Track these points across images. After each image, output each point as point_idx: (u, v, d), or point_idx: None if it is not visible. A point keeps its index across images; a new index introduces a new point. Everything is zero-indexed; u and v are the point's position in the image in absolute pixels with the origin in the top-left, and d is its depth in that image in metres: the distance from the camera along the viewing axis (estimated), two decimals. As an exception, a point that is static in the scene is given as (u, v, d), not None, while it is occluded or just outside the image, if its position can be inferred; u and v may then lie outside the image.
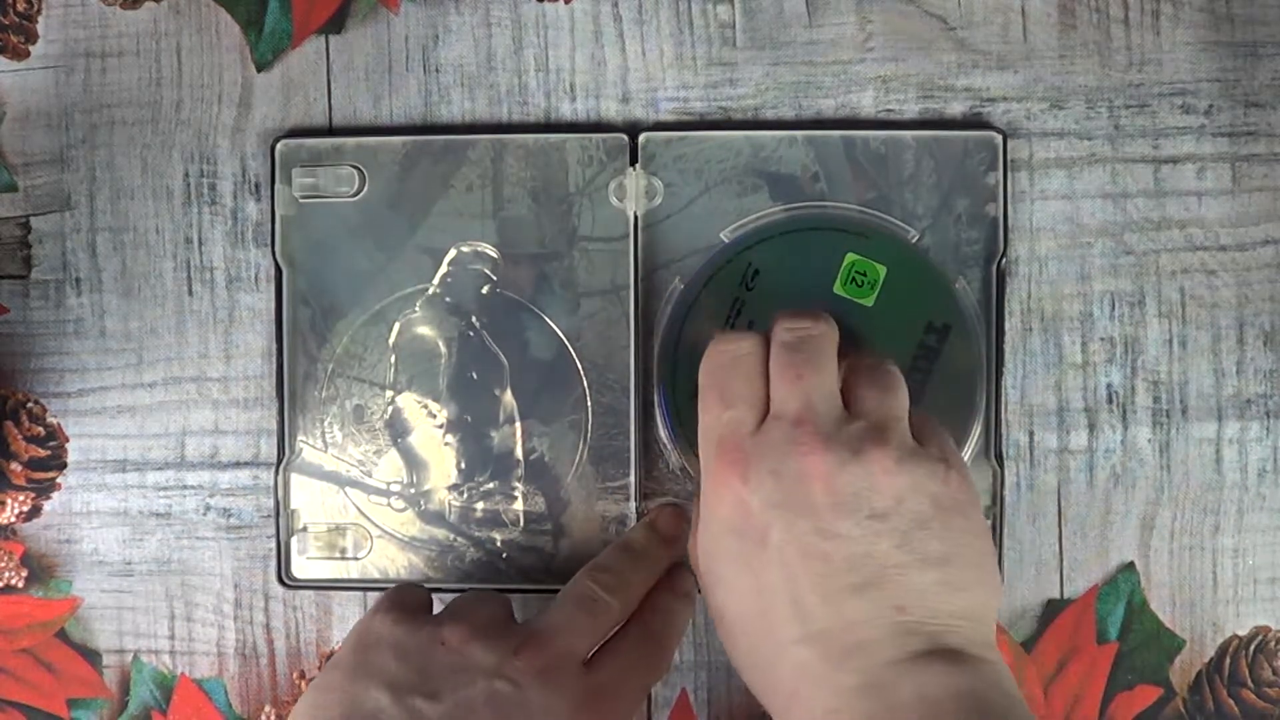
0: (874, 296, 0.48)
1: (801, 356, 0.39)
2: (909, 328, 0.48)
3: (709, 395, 0.40)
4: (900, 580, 0.35)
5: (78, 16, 0.52)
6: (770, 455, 0.37)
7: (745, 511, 0.37)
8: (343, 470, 0.51)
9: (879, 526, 0.36)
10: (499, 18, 0.51)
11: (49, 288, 0.52)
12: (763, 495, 0.37)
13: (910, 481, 0.37)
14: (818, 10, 0.50)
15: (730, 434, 0.38)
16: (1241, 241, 0.50)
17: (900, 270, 0.48)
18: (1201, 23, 0.50)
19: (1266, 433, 0.50)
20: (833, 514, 0.36)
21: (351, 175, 0.50)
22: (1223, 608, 0.51)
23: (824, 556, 0.35)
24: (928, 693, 0.34)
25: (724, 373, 0.40)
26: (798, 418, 0.37)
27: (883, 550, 0.36)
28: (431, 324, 0.50)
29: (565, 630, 0.43)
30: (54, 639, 0.52)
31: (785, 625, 0.36)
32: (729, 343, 0.40)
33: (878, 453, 0.37)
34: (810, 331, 0.39)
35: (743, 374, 0.39)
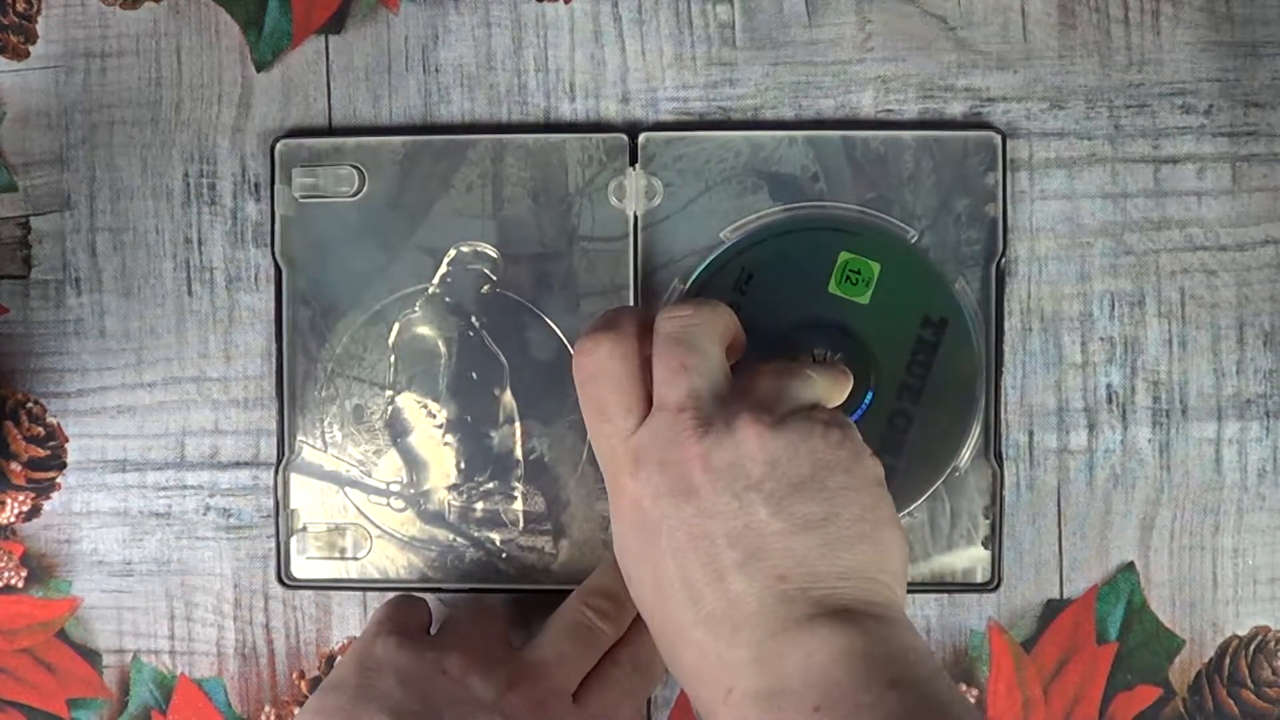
0: (869, 294, 0.48)
1: (683, 347, 0.38)
2: (905, 323, 0.48)
3: (586, 410, 0.40)
4: (779, 547, 0.35)
5: (78, 16, 0.52)
6: (655, 448, 0.37)
7: (640, 509, 0.37)
8: (342, 470, 0.51)
9: (754, 496, 0.36)
10: (499, 18, 0.51)
11: (49, 288, 0.52)
12: (651, 488, 0.37)
13: (784, 444, 0.36)
14: (817, 10, 0.50)
15: (616, 442, 0.38)
16: (1241, 241, 0.50)
17: (895, 267, 0.48)
18: (1201, 23, 0.50)
19: (1266, 433, 0.50)
20: (712, 492, 0.36)
21: (351, 175, 0.50)
22: (1223, 608, 0.51)
23: (707, 536, 0.35)
24: (814, 659, 0.34)
25: (594, 385, 0.39)
26: (679, 405, 0.37)
27: (760, 519, 0.35)
28: (431, 324, 0.50)
29: (558, 664, 0.43)
30: (54, 639, 0.52)
31: (682, 612, 0.36)
32: (587, 353, 0.40)
33: (751, 421, 0.36)
34: (691, 320, 0.39)
35: (608, 379, 0.39)
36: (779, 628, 0.35)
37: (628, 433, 0.38)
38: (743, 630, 0.35)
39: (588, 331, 0.40)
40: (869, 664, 0.34)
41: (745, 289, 0.48)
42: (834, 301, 0.48)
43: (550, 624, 0.45)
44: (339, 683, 0.43)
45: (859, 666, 0.34)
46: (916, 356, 0.48)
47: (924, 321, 0.48)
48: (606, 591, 0.45)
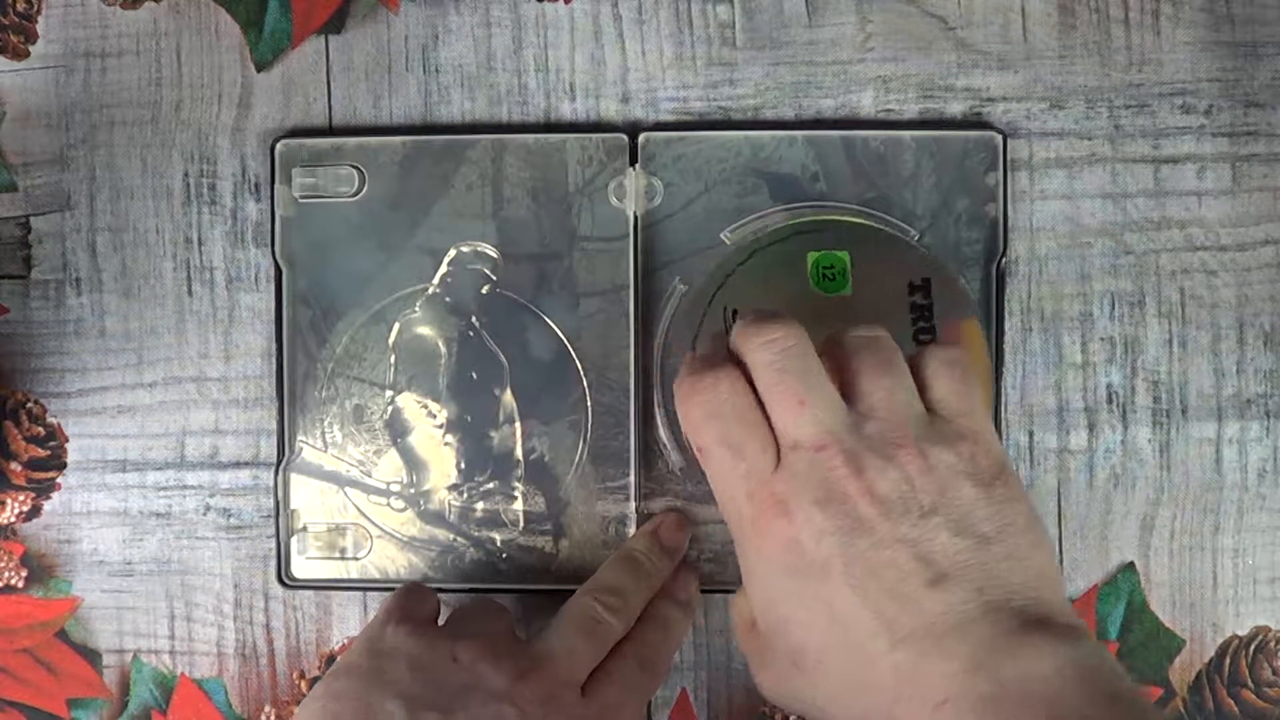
0: (849, 284, 0.48)
1: (793, 377, 0.37)
2: (894, 297, 0.48)
3: (713, 451, 0.38)
4: (969, 564, 0.35)
5: (78, 16, 0.52)
6: (805, 489, 0.36)
7: (798, 549, 0.36)
8: (343, 470, 0.51)
9: (932, 521, 0.35)
10: (499, 18, 0.51)
11: (49, 288, 0.52)
12: (813, 528, 0.36)
13: (946, 470, 0.36)
14: (818, 10, 0.50)
15: (755, 484, 0.37)
16: (1241, 241, 0.50)
17: (862, 249, 0.48)
18: (1201, 23, 0.50)
19: (1266, 433, 0.50)
20: (886, 523, 0.35)
21: (351, 175, 0.50)
22: (1223, 608, 0.51)
23: (892, 564, 0.35)
24: (1034, 670, 0.33)
25: (720, 424, 0.38)
26: (817, 444, 0.36)
27: (943, 542, 0.35)
28: (431, 324, 0.50)
29: (567, 656, 0.43)
30: (54, 639, 0.52)
31: (873, 640, 0.35)
32: (705, 390, 0.38)
33: (905, 452, 0.36)
34: (786, 343, 0.38)
35: (737, 418, 0.38)
36: (989, 637, 0.34)
37: (766, 473, 0.37)
38: (949, 642, 0.34)
39: (699, 368, 0.39)
40: (1089, 676, 0.33)
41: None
42: (821, 300, 0.48)
43: (559, 617, 0.45)
44: (350, 667, 0.42)
45: (1081, 679, 0.33)
46: (919, 323, 0.48)
47: (910, 288, 0.48)
48: (614, 587, 0.45)
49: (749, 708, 0.51)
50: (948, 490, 0.36)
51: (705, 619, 0.51)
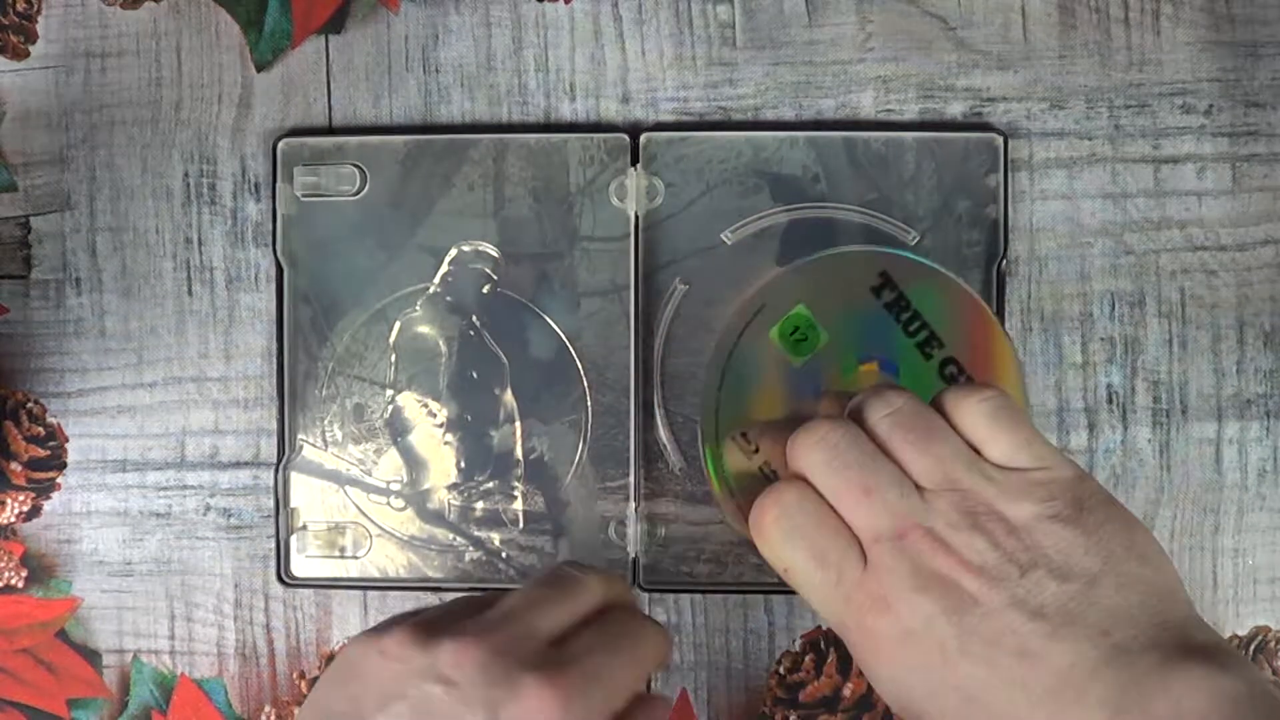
0: (821, 332, 0.44)
1: (852, 470, 0.36)
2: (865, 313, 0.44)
3: (799, 568, 0.37)
4: (1085, 608, 0.33)
5: (78, 16, 0.52)
6: (901, 579, 0.35)
7: (911, 641, 0.35)
8: (343, 469, 0.51)
9: (1035, 575, 0.34)
10: (499, 18, 0.51)
11: (49, 288, 0.52)
12: (919, 616, 0.34)
13: (1031, 521, 0.35)
14: (818, 10, 0.50)
15: (850, 588, 0.36)
16: (1241, 241, 0.50)
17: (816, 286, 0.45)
18: (1201, 23, 0.50)
19: (1266, 433, 0.50)
20: (990, 591, 0.34)
21: (353, 174, 0.50)
22: (1223, 608, 0.51)
23: (1007, 630, 0.34)
24: (1185, 705, 0.31)
25: (797, 539, 0.36)
26: (897, 531, 0.35)
27: (1052, 592, 0.34)
28: (432, 323, 0.50)
29: (528, 607, 0.37)
30: (54, 639, 0.52)
31: (1010, 706, 0.34)
32: (772, 509, 0.37)
33: (985, 518, 0.35)
34: (833, 438, 0.36)
35: (814, 526, 0.36)
36: (1128, 680, 0.32)
37: (857, 574, 0.36)
38: (1090, 692, 0.33)
39: (763, 494, 0.37)
40: (1245, 709, 0.31)
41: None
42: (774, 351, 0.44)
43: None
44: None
45: (1237, 713, 0.31)
46: (904, 321, 0.45)
47: (876, 291, 0.45)
48: (583, 563, 0.41)
49: (749, 707, 0.51)
50: (1039, 540, 0.34)
51: (705, 619, 0.51)
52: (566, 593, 0.38)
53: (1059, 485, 0.35)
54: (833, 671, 0.51)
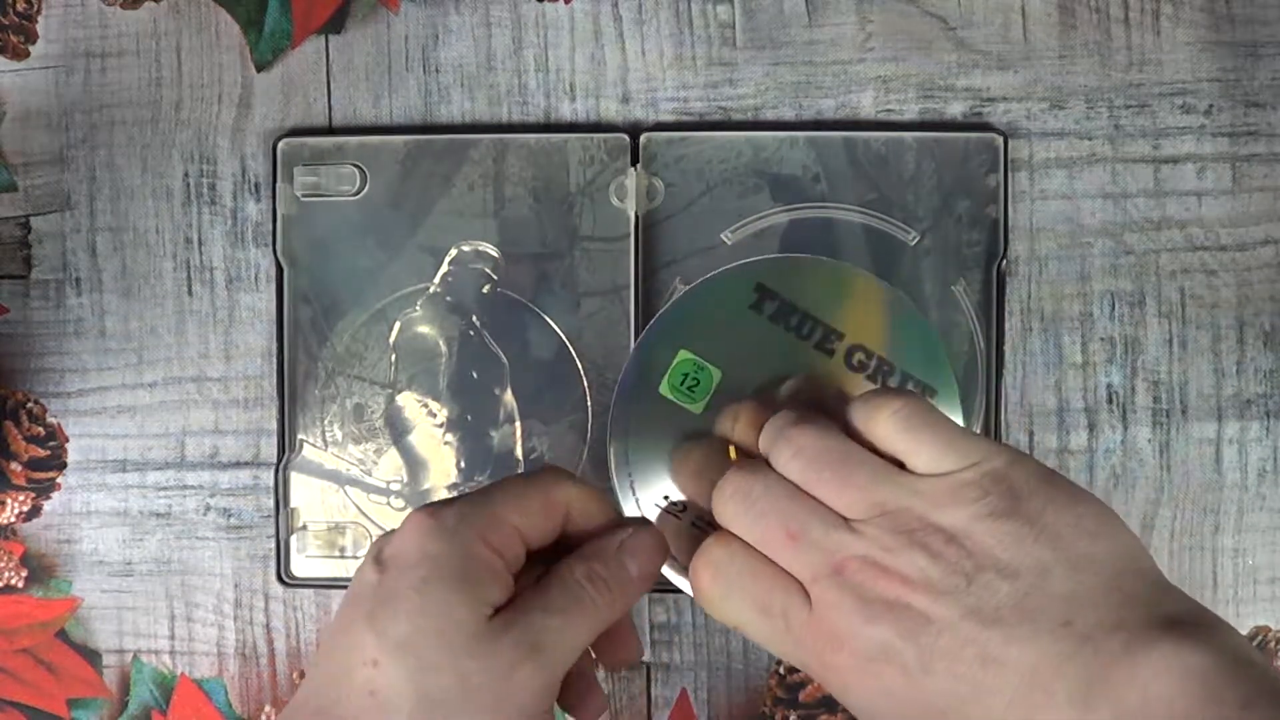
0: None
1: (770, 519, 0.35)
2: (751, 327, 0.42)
3: (748, 623, 0.36)
4: (1041, 602, 0.32)
5: (78, 16, 0.52)
6: (847, 613, 0.34)
7: (873, 671, 0.34)
8: (343, 469, 0.51)
9: (983, 578, 0.33)
10: (499, 18, 0.51)
11: (49, 288, 0.52)
12: (874, 646, 0.33)
13: (968, 526, 0.33)
14: (818, 10, 0.50)
15: (800, 631, 0.35)
16: (1241, 241, 0.50)
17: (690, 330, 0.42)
18: (1201, 23, 0.50)
19: (1266, 433, 0.50)
20: (940, 605, 0.33)
21: (353, 174, 0.50)
22: (1223, 608, 0.51)
23: (967, 641, 0.33)
24: (1152, 691, 0.30)
25: (736, 595, 0.36)
26: (832, 567, 0.34)
27: (1005, 593, 0.32)
28: (432, 323, 0.50)
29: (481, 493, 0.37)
30: (54, 639, 0.52)
31: (982, 714, 0.32)
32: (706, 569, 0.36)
33: (919, 533, 0.33)
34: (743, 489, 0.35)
35: (750, 578, 0.35)
36: (1096, 670, 0.31)
37: (803, 614, 0.35)
38: (1058, 689, 0.31)
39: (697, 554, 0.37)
40: (1215, 684, 0.30)
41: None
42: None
43: None
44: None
45: (1206, 691, 0.30)
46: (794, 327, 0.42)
47: (756, 307, 0.42)
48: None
49: (749, 707, 0.51)
50: (981, 542, 0.33)
51: (705, 619, 0.51)
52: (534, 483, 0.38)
53: (990, 479, 0.34)
54: (833, 671, 0.51)
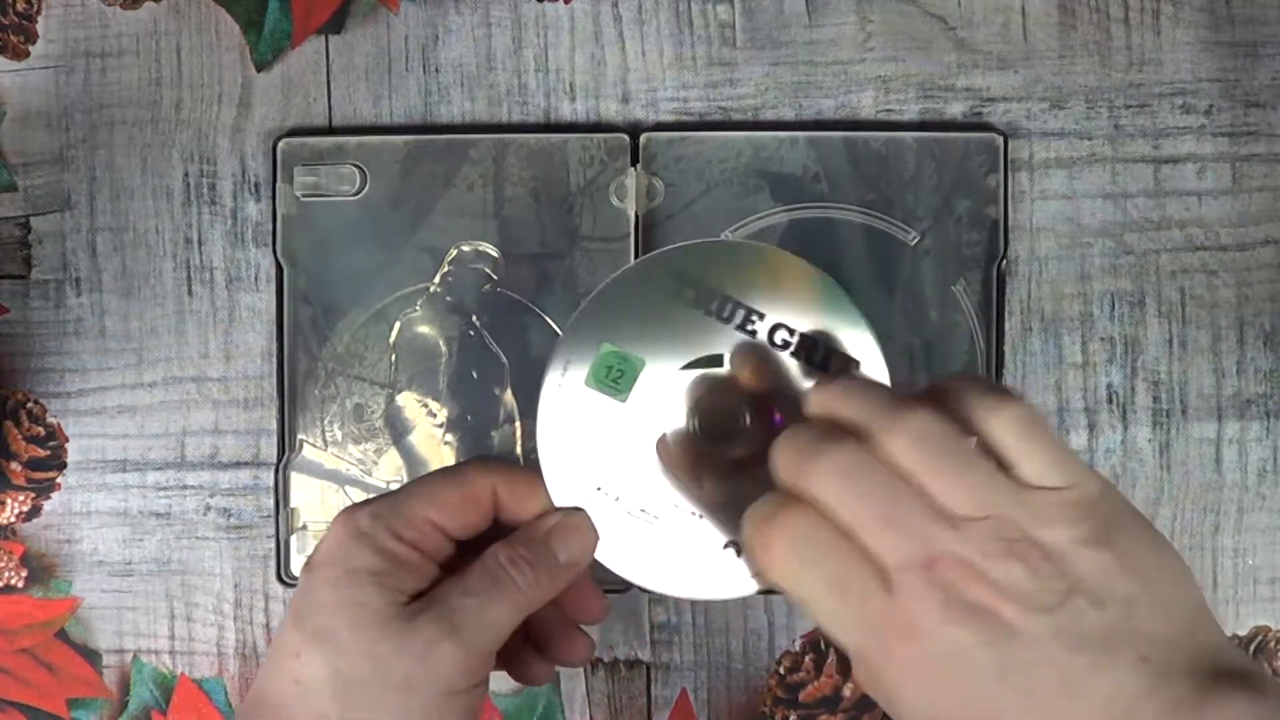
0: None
1: (871, 500, 0.34)
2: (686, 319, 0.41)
3: (818, 598, 0.35)
4: (1124, 636, 0.32)
5: (78, 16, 0.52)
6: (931, 610, 0.33)
7: (946, 671, 0.33)
8: (343, 469, 0.51)
9: (1074, 603, 0.32)
10: (499, 18, 0.51)
11: (49, 288, 0.52)
12: (953, 647, 0.33)
13: (1066, 547, 0.33)
14: (818, 10, 0.50)
15: (876, 614, 0.34)
16: (1241, 241, 0.50)
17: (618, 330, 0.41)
18: (1201, 23, 0.50)
19: (1266, 433, 0.50)
20: (1029, 620, 0.32)
21: (353, 174, 0.50)
22: (1223, 608, 0.51)
23: (1047, 660, 0.32)
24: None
25: (814, 568, 0.35)
26: (923, 561, 0.33)
27: (1091, 620, 0.32)
28: (432, 323, 0.50)
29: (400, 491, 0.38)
30: (54, 639, 0.52)
31: None
32: (783, 537, 0.35)
33: (1019, 545, 0.33)
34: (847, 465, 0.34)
35: (831, 553, 0.34)
36: (1168, 709, 0.31)
37: (880, 600, 0.33)
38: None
39: (763, 520, 0.35)
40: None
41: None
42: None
43: None
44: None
45: None
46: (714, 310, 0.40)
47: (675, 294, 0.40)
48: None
49: (749, 707, 0.51)
50: (1076, 566, 0.33)
51: (705, 619, 0.51)
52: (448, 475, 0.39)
53: (1089, 505, 0.34)
54: (833, 671, 0.51)
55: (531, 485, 0.39)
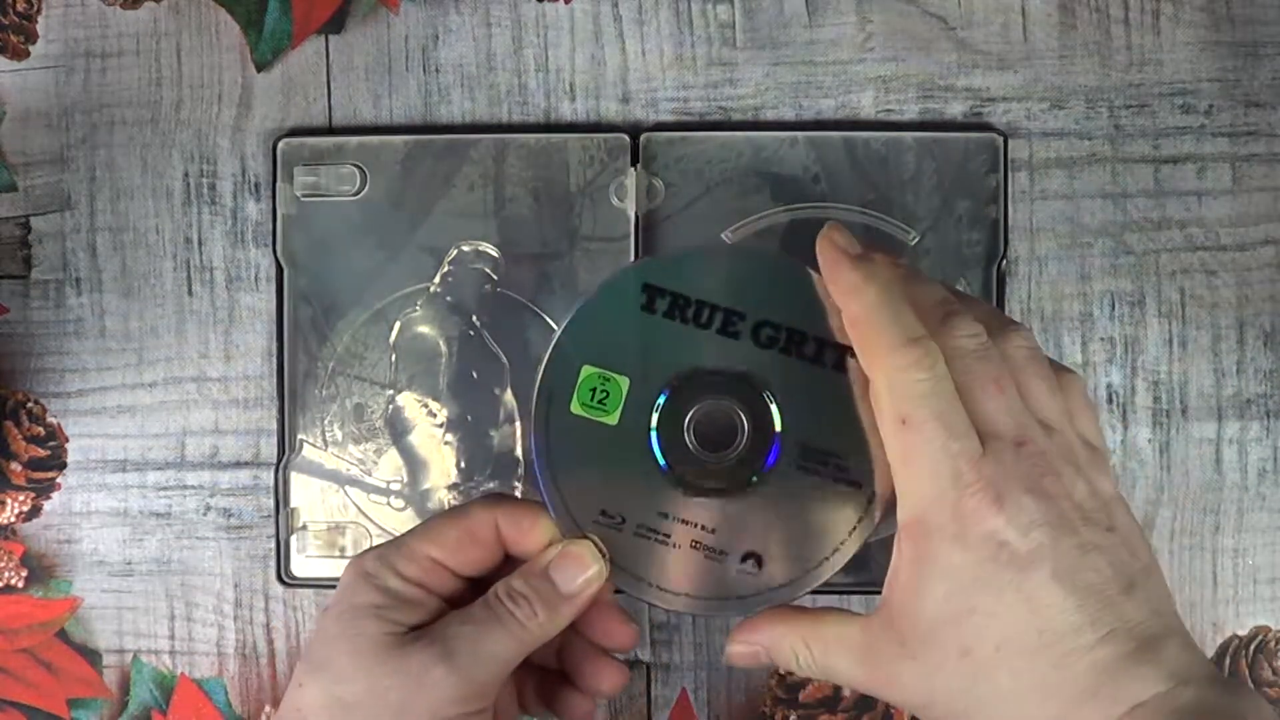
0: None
1: (992, 365, 0.36)
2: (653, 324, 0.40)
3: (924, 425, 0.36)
4: (1146, 586, 0.36)
5: (78, 16, 0.52)
6: (1015, 477, 0.35)
7: (1003, 537, 0.35)
8: (343, 469, 0.51)
9: (1114, 538, 0.36)
10: (499, 18, 0.51)
11: (49, 288, 0.52)
12: (1024, 519, 0.35)
13: (1112, 496, 0.37)
14: (818, 10, 0.50)
15: (965, 464, 0.35)
16: (1241, 241, 0.50)
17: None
18: (1201, 23, 0.50)
19: (1266, 433, 0.50)
20: (1085, 528, 0.35)
21: (353, 174, 0.50)
22: (1223, 608, 0.51)
23: (1094, 567, 0.35)
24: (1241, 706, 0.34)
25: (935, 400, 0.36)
26: (1018, 437, 0.36)
27: (1124, 559, 0.36)
28: (432, 323, 0.50)
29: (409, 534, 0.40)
30: (54, 639, 0.52)
31: (1075, 635, 0.35)
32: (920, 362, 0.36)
33: (1085, 473, 0.36)
34: (982, 336, 0.37)
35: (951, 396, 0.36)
36: (1182, 657, 0.35)
37: (976, 456, 0.35)
38: (1149, 649, 0.35)
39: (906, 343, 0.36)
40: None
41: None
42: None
43: None
44: None
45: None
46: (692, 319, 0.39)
47: (647, 308, 0.39)
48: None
49: (749, 707, 0.51)
50: (1117, 515, 0.36)
51: (705, 619, 0.51)
52: (451, 513, 0.40)
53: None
54: (833, 671, 0.51)
55: (533, 518, 0.39)
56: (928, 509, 0.36)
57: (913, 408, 0.36)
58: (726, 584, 0.39)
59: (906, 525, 0.36)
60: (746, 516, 0.38)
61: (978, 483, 0.35)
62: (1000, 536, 0.35)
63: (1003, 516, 0.35)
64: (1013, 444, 0.36)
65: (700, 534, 0.38)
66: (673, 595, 0.39)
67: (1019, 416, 0.36)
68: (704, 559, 0.38)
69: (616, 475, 0.39)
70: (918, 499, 0.36)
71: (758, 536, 0.38)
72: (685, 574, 0.38)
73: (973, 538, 0.35)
